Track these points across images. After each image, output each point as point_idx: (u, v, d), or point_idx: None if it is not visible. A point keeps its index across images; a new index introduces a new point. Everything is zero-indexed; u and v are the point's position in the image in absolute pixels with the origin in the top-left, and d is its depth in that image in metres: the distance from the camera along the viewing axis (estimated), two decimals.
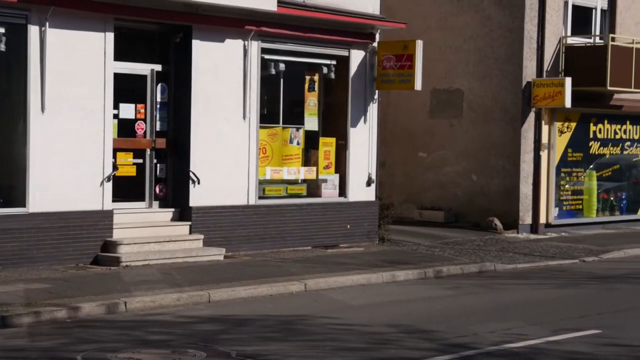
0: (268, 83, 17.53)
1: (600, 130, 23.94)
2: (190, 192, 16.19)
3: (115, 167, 15.41)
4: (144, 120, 16.08)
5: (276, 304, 12.82)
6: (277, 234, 17.41)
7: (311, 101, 18.42)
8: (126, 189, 15.78)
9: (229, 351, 9.72)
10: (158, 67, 16.20)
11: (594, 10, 23.54)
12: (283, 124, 17.85)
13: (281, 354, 9.69)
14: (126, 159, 15.83)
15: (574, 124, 23.12)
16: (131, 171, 15.93)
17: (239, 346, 9.97)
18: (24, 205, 14.32)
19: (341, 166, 18.64)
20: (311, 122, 18.39)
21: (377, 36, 18.88)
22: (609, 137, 24.20)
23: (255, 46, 16.99)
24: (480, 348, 10.19)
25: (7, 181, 14.52)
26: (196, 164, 16.23)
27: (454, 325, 11.44)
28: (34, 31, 14.28)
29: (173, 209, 16.28)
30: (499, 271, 16.86)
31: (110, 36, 15.10)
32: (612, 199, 24.46)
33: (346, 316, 12.02)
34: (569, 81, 21.21)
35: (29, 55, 14.26)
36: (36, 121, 14.34)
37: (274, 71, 17.49)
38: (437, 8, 22.94)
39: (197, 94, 16.22)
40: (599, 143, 23.93)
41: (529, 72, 21.80)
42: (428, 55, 20.04)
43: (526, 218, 22.05)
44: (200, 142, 16.27)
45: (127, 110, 15.86)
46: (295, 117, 18.23)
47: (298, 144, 18.06)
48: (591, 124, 23.70)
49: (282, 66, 17.58)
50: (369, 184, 18.93)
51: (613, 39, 22.36)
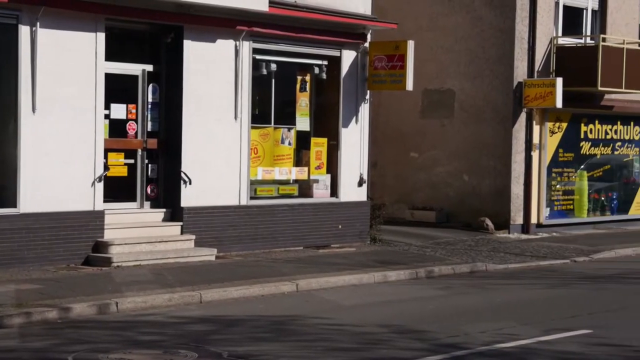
0: (259, 83, 17.53)
1: (591, 130, 23.99)
2: (182, 192, 16.18)
3: (106, 167, 15.38)
4: (135, 121, 16.06)
5: (268, 304, 12.82)
6: (269, 234, 17.41)
7: (303, 101, 18.42)
8: (117, 189, 15.76)
9: (221, 351, 9.72)
10: (149, 68, 16.18)
11: (584, 10, 23.59)
12: (275, 124, 17.85)
13: (273, 354, 9.68)
14: (117, 159, 15.81)
15: (565, 124, 23.16)
16: (122, 171, 15.91)
17: (230, 346, 9.96)
18: (15, 205, 14.29)
19: (333, 166, 18.65)
20: (303, 123, 18.39)
21: (369, 36, 18.89)
22: (599, 137, 24.25)
23: (246, 46, 16.99)
24: (471, 348, 10.20)
25: None
26: (187, 165, 16.22)
27: (446, 325, 11.45)
28: (24, 31, 14.25)
29: (164, 210, 16.27)
30: (490, 271, 16.88)
31: (102, 36, 15.08)
32: (603, 199, 24.51)
33: (338, 316, 12.02)
34: (560, 81, 21.25)
35: (20, 55, 14.23)
36: (27, 121, 14.31)
37: (265, 71, 17.49)
38: (428, 8, 22.96)
39: (189, 94, 16.21)
40: (590, 143, 23.98)
41: (520, 73, 21.83)
42: (419, 55, 20.06)
43: (517, 218, 22.08)
44: (191, 142, 16.26)
45: (119, 111, 15.84)
46: (286, 117, 18.23)
47: (290, 144, 18.05)
48: (582, 124, 23.75)
49: (273, 66, 17.58)
50: (360, 184, 18.94)
51: (604, 40, 22.40)
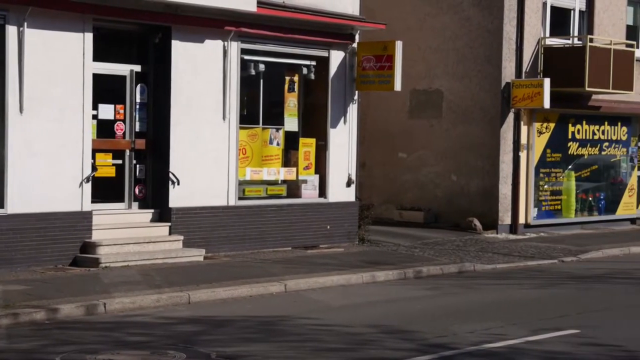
0: (248, 84, 17.51)
1: (578, 130, 24.05)
2: (170, 193, 16.15)
3: (94, 168, 15.34)
4: (123, 121, 16.03)
5: (256, 305, 12.81)
6: (257, 234, 17.40)
7: (291, 102, 18.41)
8: (105, 189, 15.72)
9: (209, 352, 9.71)
10: (137, 68, 16.16)
11: (572, 11, 23.65)
12: (263, 124, 17.84)
13: (261, 355, 9.68)
14: (105, 159, 15.78)
15: (552, 125, 23.22)
16: (110, 172, 15.88)
17: (219, 347, 9.95)
18: (2, 206, 14.22)
19: (321, 167, 18.65)
20: (291, 123, 18.38)
21: (357, 37, 18.89)
22: (587, 137, 24.31)
23: (234, 47, 16.97)
24: (459, 348, 10.22)
25: None
26: (176, 165, 16.19)
27: (434, 326, 11.46)
28: (12, 31, 14.19)
29: (152, 210, 16.24)
30: (478, 271, 16.91)
31: (89, 36, 15.04)
32: (590, 199, 24.57)
33: (326, 317, 12.02)
34: (547, 82, 21.29)
35: (7, 55, 14.17)
36: (14, 122, 14.25)
37: (253, 72, 17.48)
38: (417, 9, 22.98)
39: (177, 95, 16.18)
40: (577, 143, 24.04)
41: (508, 73, 21.87)
42: (407, 55, 20.07)
43: (505, 218, 22.12)
44: (179, 142, 16.24)
45: (106, 111, 15.81)
46: (275, 117, 18.22)
47: (278, 144, 18.05)
48: (570, 125, 23.80)
49: (261, 67, 17.57)
50: (348, 184, 18.94)
51: (591, 40, 22.47)
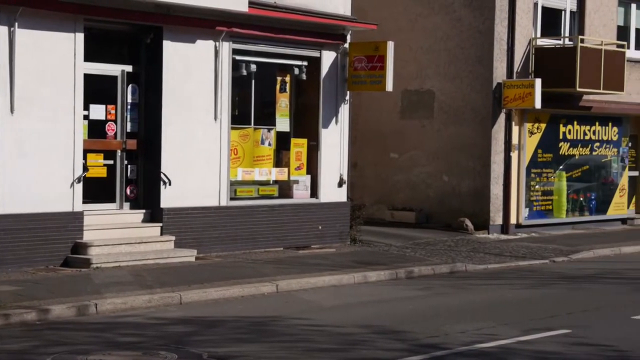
0: (239, 84, 17.50)
1: (569, 131, 24.10)
2: (162, 193, 16.13)
3: (85, 168, 15.32)
4: (115, 121, 16.00)
5: (248, 305, 12.80)
6: (249, 235, 17.39)
7: (282, 102, 18.41)
8: (97, 190, 15.70)
9: (201, 352, 9.70)
10: (128, 68, 16.13)
11: (563, 12, 23.70)
12: (254, 125, 17.83)
13: (253, 355, 9.67)
14: (97, 160, 15.75)
15: (543, 125, 23.26)
16: (102, 172, 15.85)
17: (210, 347, 9.94)
18: None
19: (313, 167, 18.64)
20: (283, 123, 18.38)
21: (349, 37, 18.90)
22: (578, 138, 24.36)
23: (226, 47, 16.96)
24: (451, 348, 10.23)
25: None
26: (167, 165, 16.18)
27: (425, 326, 11.48)
28: (3, 31, 14.16)
29: (144, 211, 16.22)
30: (470, 272, 16.93)
31: (80, 37, 15.02)
32: (581, 199, 24.62)
33: (318, 317, 12.02)
34: (539, 82, 21.32)
35: None
36: (5, 122, 14.22)
37: (245, 72, 17.47)
38: (408, 9, 23.00)
39: (168, 95, 16.17)
40: (568, 144, 24.08)
41: (499, 74, 21.90)
42: (399, 56, 20.09)
43: (497, 218, 22.15)
44: (171, 143, 16.22)
45: (98, 111, 15.78)
46: (266, 118, 18.21)
47: (269, 145, 18.04)
48: (561, 125, 23.85)
49: (253, 67, 17.57)
50: (340, 184, 18.94)
51: (582, 41, 22.52)
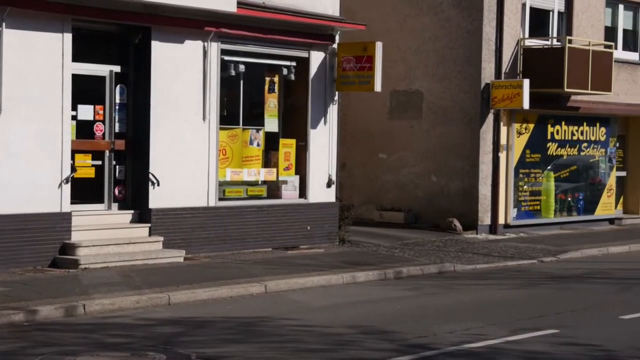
0: (228, 84, 17.49)
1: (557, 131, 24.16)
2: (150, 193, 16.10)
3: (73, 168, 15.28)
4: (103, 122, 15.97)
5: (236, 306, 12.80)
6: (238, 235, 17.38)
7: (271, 102, 18.40)
8: (85, 190, 15.66)
9: (189, 353, 9.69)
10: (117, 68, 16.10)
11: (551, 12, 23.76)
12: (243, 125, 17.82)
13: (241, 356, 9.67)
14: (85, 160, 15.71)
15: (532, 125, 23.32)
16: (90, 173, 15.81)
17: (199, 348, 9.93)
18: None
19: (301, 167, 18.65)
20: (271, 124, 18.37)
21: (337, 38, 18.91)
22: (566, 138, 24.43)
23: (215, 47, 16.95)
24: (440, 348, 10.25)
25: None
26: (156, 166, 16.15)
27: (414, 326, 11.49)
28: None
29: (132, 211, 16.19)
30: (458, 272, 16.95)
31: (69, 37, 14.98)
32: (569, 199, 24.69)
33: (307, 317, 12.02)
34: (527, 83, 21.37)
35: None
36: None
37: (233, 72, 17.46)
38: (397, 10, 23.03)
39: (157, 95, 16.14)
40: (556, 144, 24.15)
41: (487, 74, 21.95)
42: (387, 56, 20.12)
43: (485, 219, 22.19)
44: (159, 143, 16.19)
45: (86, 112, 15.75)
46: (255, 118, 18.21)
47: (258, 145, 18.03)
48: (549, 125, 23.91)
49: (242, 67, 17.55)
50: (329, 185, 18.95)
51: (570, 41, 22.58)
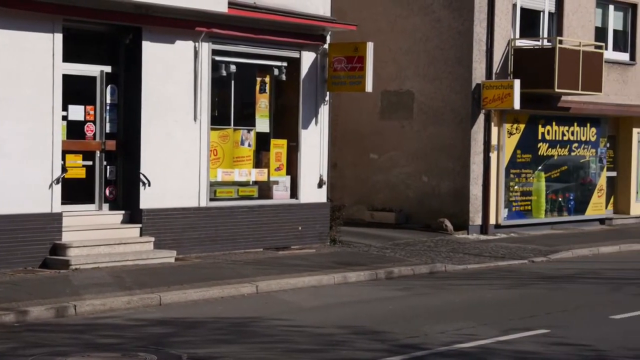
0: (219, 85, 17.49)
1: (548, 131, 24.21)
2: (141, 194, 16.08)
3: (64, 169, 15.26)
4: (94, 122, 15.95)
5: (227, 306, 12.79)
6: (229, 236, 17.37)
7: (262, 103, 18.40)
8: (76, 191, 15.63)
9: (180, 354, 9.68)
10: (108, 69, 16.08)
11: (541, 13, 23.81)
12: (234, 125, 17.81)
13: (233, 356, 9.67)
14: (75, 161, 15.69)
15: (522, 126, 23.36)
16: (80, 173, 15.79)
17: (190, 349, 9.93)
18: None
19: (292, 168, 18.65)
20: (262, 124, 18.37)
21: (328, 38, 18.92)
22: (557, 138, 24.48)
23: (206, 48, 16.94)
24: (431, 348, 10.26)
25: None
26: (147, 166, 16.13)
27: (405, 326, 11.50)
28: None
29: (123, 212, 16.17)
30: (449, 272, 16.97)
31: (59, 37, 14.95)
32: (560, 199, 24.74)
33: (298, 318, 12.03)
34: (517, 83, 21.41)
35: None
36: None
37: (224, 73, 17.46)
38: (388, 10, 23.04)
39: (147, 96, 16.12)
40: (547, 144, 24.20)
41: (478, 74, 21.98)
42: (378, 57, 20.13)
43: (476, 219, 22.22)
44: (150, 144, 16.18)
45: (76, 112, 15.72)
46: (246, 118, 18.20)
47: (249, 145, 18.03)
48: (540, 126, 23.96)
49: (233, 68, 17.55)
50: (320, 185, 18.96)
51: (560, 42, 22.64)
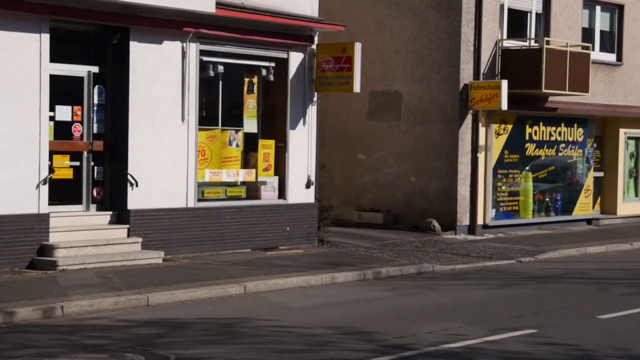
0: (207, 85, 17.46)
1: (535, 132, 24.27)
2: (128, 194, 16.05)
3: (51, 169, 15.21)
4: (81, 123, 15.91)
5: (215, 307, 12.78)
6: (217, 236, 17.35)
7: (250, 103, 18.39)
8: (63, 192, 15.60)
9: (168, 355, 9.67)
10: (95, 69, 16.05)
11: (529, 14, 23.87)
12: (222, 126, 17.80)
13: (221, 357, 9.66)
14: (63, 161, 15.65)
15: (510, 126, 23.41)
16: (68, 174, 15.75)
17: (178, 349, 9.92)
18: None
19: (280, 168, 18.64)
20: (250, 124, 18.36)
21: (316, 38, 18.92)
22: (544, 139, 24.54)
23: (193, 48, 16.91)
24: (419, 349, 10.27)
25: None
26: (134, 167, 16.10)
27: (393, 326, 11.51)
28: None
29: (111, 212, 16.13)
30: (437, 272, 17.00)
31: (46, 37, 14.91)
32: (547, 200, 24.81)
33: (286, 318, 12.03)
34: (505, 84, 21.45)
35: None
36: None
37: (212, 73, 17.44)
38: (376, 11, 23.06)
39: (135, 96, 16.10)
40: (534, 145, 24.26)
41: (466, 75, 22.02)
42: (366, 57, 20.14)
43: (464, 219, 22.26)
44: (138, 144, 16.15)
45: (64, 113, 15.68)
46: (234, 119, 18.19)
47: (237, 146, 18.01)
48: (527, 126, 24.01)
49: (220, 68, 17.53)
50: (308, 186, 18.96)
51: (548, 42, 22.70)
